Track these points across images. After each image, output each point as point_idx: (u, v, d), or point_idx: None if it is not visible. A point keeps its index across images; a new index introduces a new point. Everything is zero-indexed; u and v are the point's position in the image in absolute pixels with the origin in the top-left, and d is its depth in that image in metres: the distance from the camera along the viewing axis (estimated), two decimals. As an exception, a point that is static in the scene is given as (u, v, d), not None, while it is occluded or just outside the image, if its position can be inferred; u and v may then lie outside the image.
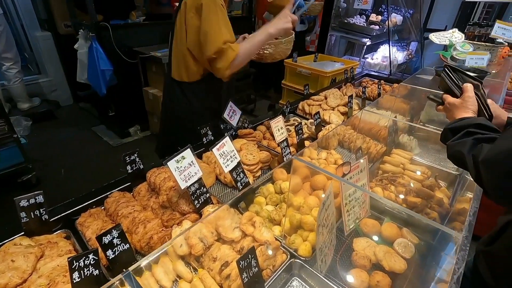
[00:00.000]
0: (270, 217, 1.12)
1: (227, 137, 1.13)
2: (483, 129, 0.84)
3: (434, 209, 1.19)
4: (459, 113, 0.98)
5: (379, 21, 3.88)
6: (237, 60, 1.44)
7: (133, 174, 1.21)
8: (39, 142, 3.50)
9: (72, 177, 2.97)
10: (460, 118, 0.94)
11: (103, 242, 0.82)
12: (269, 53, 1.67)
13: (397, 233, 1.08)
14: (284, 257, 0.97)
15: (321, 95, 2.21)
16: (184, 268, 0.92)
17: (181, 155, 1.01)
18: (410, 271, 0.95)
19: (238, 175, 1.18)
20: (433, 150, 1.65)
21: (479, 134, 0.82)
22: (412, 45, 4.18)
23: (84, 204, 1.12)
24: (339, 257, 1.04)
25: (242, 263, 0.77)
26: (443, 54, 2.13)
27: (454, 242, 0.66)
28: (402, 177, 1.38)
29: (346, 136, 1.67)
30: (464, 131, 0.86)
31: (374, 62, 3.65)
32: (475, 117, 0.93)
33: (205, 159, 1.43)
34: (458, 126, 0.90)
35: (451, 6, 4.51)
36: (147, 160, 1.28)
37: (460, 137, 0.86)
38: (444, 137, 0.96)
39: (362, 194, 1.12)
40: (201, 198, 1.07)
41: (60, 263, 0.89)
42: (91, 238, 0.98)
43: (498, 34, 1.95)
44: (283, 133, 1.39)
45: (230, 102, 1.52)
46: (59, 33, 4.08)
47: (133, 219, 1.04)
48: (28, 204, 0.94)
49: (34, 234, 0.97)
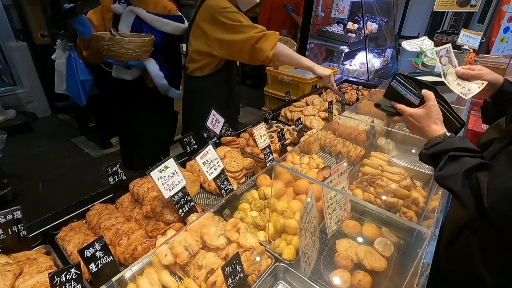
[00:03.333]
0: (254, 222, 1.14)
1: (210, 145, 1.15)
2: (465, 151, 0.78)
3: (411, 208, 1.25)
4: (427, 126, 0.91)
5: (356, 29, 4.04)
6: (278, 48, 1.60)
7: (116, 185, 1.20)
8: (15, 156, 3.36)
9: (51, 191, 2.87)
10: (435, 140, 0.87)
11: (85, 255, 0.81)
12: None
13: (377, 232, 1.13)
14: (269, 261, 0.99)
15: (302, 101, 2.26)
16: (169, 277, 0.92)
17: (164, 165, 1.01)
18: (390, 269, 1.00)
19: (222, 183, 1.19)
20: (409, 152, 1.73)
21: (464, 158, 0.76)
22: (388, 51, 4.37)
23: (65, 218, 1.09)
24: (322, 259, 1.07)
25: (227, 269, 0.78)
26: (415, 60, 2.25)
27: (424, 238, 0.70)
28: (381, 179, 1.43)
29: (327, 140, 1.72)
30: (446, 156, 0.79)
31: (352, 69, 3.79)
32: (452, 137, 0.85)
33: (189, 167, 1.44)
34: (438, 152, 0.82)
35: (422, 15, 4.77)
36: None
37: (443, 165, 0.78)
38: (424, 161, 0.90)
39: (343, 197, 1.16)
40: (185, 207, 1.08)
41: (40, 279, 0.86)
42: (72, 253, 0.96)
43: (463, 41, 2.08)
44: (266, 140, 1.42)
45: (213, 110, 1.54)
46: (35, 43, 3.97)
47: (116, 230, 1.03)
48: (5, 220, 0.92)
49: (11, 251, 0.94)
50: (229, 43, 1.58)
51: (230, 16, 1.52)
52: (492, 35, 3.96)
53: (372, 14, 4.15)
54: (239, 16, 1.55)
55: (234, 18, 1.53)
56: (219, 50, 1.64)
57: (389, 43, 4.34)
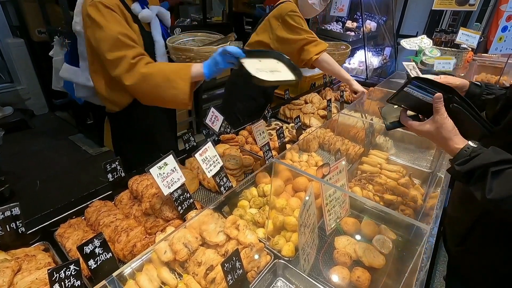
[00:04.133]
0: (254, 219, 1.14)
1: (210, 143, 1.15)
2: (505, 163, 0.70)
3: (409, 206, 1.26)
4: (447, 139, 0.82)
5: (355, 27, 4.03)
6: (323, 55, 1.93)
7: (114, 182, 1.20)
8: (12, 153, 3.34)
9: (48, 189, 2.86)
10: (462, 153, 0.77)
11: (84, 252, 0.81)
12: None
13: (375, 230, 1.13)
14: (268, 258, 0.99)
15: (301, 99, 2.26)
16: (169, 274, 0.92)
17: (164, 162, 1.01)
18: (388, 266, 1.00)
19: (221, 180, 1.19)
20: (408, 150, 1.73)
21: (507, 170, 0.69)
22: (387, 50, 4.37)
23: (63, 215, 1.09)
24: (321, 256, 1.07)
25: (226, 266, 0.78)
26: (413, 59, 2.26)
27: (423, 234, 0.71)
28: (379, 177, 1.44)
29: (326, 138, 1.73)
30: (488, 173, 0.69)
31: (351, 67, 3.79)
32: (482, 149, 0.75)
33: (188, 165, 1.43)
34: (474, 167, 0.72)
35: (421, 13, 4.77)
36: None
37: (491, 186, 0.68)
38: (457, 178, 0.80)
39: (342, 194, 1.17)
40: (184, 204, 1.08)
41: (38, 276, 0.86)
42: (71, 249, 0.96)
43: (462, 40, 2.09)
44: (265, 137, 1.42)
45: (212, 108, 1.54)
46: (32, 40, 3.94)
47: (115, 227, 1.03)
48: (3, 217, 0.91)
49: (10, 248, 0.93)
50: (286, 40, 1.87)
51: (295, 19, 1.82)
52: (490, 34, 3.97)
53: (371, 12, 4.15)
54: (302, 21, 1.85)
55: (298, 21, 1.83)
56: (276, 44, 1.93)
57: (388, 41, 4.34)
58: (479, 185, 0.72)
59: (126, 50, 1.20)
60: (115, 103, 1.44)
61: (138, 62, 1.20)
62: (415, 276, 0.66)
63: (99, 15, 1.17)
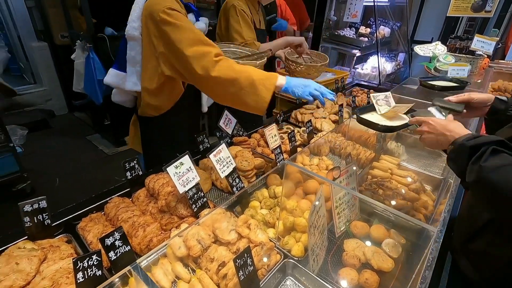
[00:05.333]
0: (264, 220, 1.17)
1: (223, 144, 1.19)
2: (505, 147, 0.76)
3: (420, 211, 1.26)
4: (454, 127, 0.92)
5: (368, 33, 4.04)
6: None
7: (132, 180, 1.26)
8: (34, 151, 3.50)
9: (66, 186, 2.98)
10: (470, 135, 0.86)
11: (105, 244, 0.86)
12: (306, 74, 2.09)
13: (385, 234, 1.14)
14: (278, 257, 1.02)
15: (313, 104, 2.29)
16: (182, 269, 0.96)
17: (180, 161, 1.06)
18: (397, 270, 1.01)
19: (234, 180, 1.23)
20: (420, 156, 1.73)
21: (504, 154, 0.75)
22: (400, 56, 4.34)
23: (85, 210, 1.15)
24: (330, 258, 1.09)
25: (238, 262, 0.81)
26: (427, 65, 2.25)
27: (431, 236, 0.72)
28: (390, 182, 1.45)
29: (337, 143, 1.74)
30: (489, 148, 0.76)
31: (364, 72, 3.78)
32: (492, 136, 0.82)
33: (202, 165, 1.48)
34: (480, 143, 0.78)
35: (436, 19, 4.72)
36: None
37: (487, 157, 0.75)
38: (459, 152, 0.85)
39: (351, 198, 1.18)
40: (198, 202, 1.12)
41: (62, 265, 0.92)
42: (92, 242, 1.02)
43: (477, 46, 2.07)
44: (277, 140, 1.45)
45: (226, 111, 1.59)
46: (55, 44, 4.13)
47: (133, 223, 1.08)
48: (32, 209, 0.98)
49: (36, 238, 1.00)
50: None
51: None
52: (509, 40, 3.89)
53: (385, 18, 4.15)
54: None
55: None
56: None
57: (401, 47, 4.31)
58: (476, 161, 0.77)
59: (208, 47, 1.26)
60: (156, 108, 1.52)
61: (220, 60, 1.25)
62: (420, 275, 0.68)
63: (175, 19, 1.24)
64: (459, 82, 1.92)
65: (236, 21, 1.91)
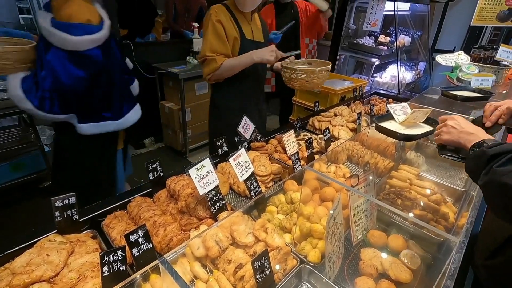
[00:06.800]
0: (281, 225, 1.19)
1: (243, 149, 1.22)
2: None
3: (440, 223, 1.24)
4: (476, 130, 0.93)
5: (388, 42, 4.00)
6: (218, 71, 1.78)
7: (154, 181, 1.31)
8: (59, 151, 3.66)
9: (88, 185, 3.09)
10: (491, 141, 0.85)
11: (130, 240, 0.90)
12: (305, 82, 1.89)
13: (403, 244, 1.13)
14: (295, 262, 1.03)
15: (331, 112, 2.29)
16: (200, 269, 0.98)
17: (201, 164, 1.10)
18: (416, 281, 0.99)
19: (252, 185, 1.26)
20: (440, 167, 1.69)
21: None
22: (421, 65, 4.26)
23: (109, 207, 1.21)
24: (347, 266, 1.08)
25: (256, 264, 0.83)
26: (449, 75, 2.21)
27: (452, 247, 0.71)
28: (409, 192, 1.43)
29: (355, 151, 1.74)
30: (509, 155, 0.75)
31: (382, 81, 3.74)
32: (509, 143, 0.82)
33: (220, 169, 1.52)
34: (500, 151, 0.78)
35: (459, 28, 4.62)
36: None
37: (505, 162, 0.74)
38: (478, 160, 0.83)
39: (369, 206, 1.18)
40: (217, 205, 1.15)
41: (88, 259, 0.97)
42: (116, 238, 1.06)
43: (502, 56, 2.02)
44: (294, 147, 1.47)
45: (245, 116, 1.63)
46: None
47: (154, 222, 1.12)
48: (62, 205, 1.04)
49: (65, 233, 1.06)
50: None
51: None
52: (537, 50, 3.74)
53: (405, 27, 4.10)
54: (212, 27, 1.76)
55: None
56: None
57: (422, 56, 4.24)
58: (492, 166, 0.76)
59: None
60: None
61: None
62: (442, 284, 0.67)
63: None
64: (482, 92, 1.87)
65: (205, 31, 1.78)
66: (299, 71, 1.80)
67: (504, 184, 0.71)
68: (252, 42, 1.89)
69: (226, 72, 1.82)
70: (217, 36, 1.74)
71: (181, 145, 3.78)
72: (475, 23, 2.45)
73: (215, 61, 1.74)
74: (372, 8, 3.19)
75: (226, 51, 1.79)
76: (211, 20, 1.72)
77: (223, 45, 1.76)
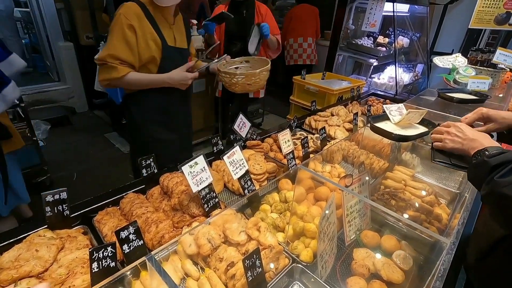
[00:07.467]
0: (274, 224, 1.18)
1: (237, 147, 1.21)
2: None
3: (433, 224, 1.24)
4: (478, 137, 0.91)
5: (386, 43, 4.01)
6: (118, 83, 1.56)
7: (147, 177, 1.30)
8: (54, 146, 3.64)
9: (83, 181, 3.08)
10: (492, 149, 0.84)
11: (120, 236, 0.89)
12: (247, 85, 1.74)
13: (396, 245, 1.13)
14: (287, 261, 1.02)
15: (328, 112, 2.29)
16: (192, 266, 0.98)
17: (195, 161, 1.09)
18: (408, 282, 0.99)
19: (246, 183, 1.25)
20: (435, 169, 1.69)
21: None
22: (419, 67, 4.28)
23: (101, 203, 1.20)
24: (339, 265, 1.08)
25: (247, 262, 0.83)
26: (446, 77, 2.21)
27: (443, 248, 0.71)
28: (403, 193, 1.43)
29: (350, 151, 1.73)
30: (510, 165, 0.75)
31: (380, 82, 3.75)
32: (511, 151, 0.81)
33: (215, 167, 1.51)
34: (502, 162, 0.77)
35: (457, 31, 4.63)
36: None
37: (507, 173, 0.74)
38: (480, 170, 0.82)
39: (363, 206, 1.18)
40: (210, 202, 1.15)
41: (78, 255, 0.96)
42: (107, 235, 1.05)
43: (499, 60, 2.02)
44: (290, 146, 1.46)
45: (241, 114, 1.62)
46: (80, 44, 4.32)
47: (146, 219, 1.11)
48: (53, 199, 1.03)
49: (55, 228, 1.04)
50: None
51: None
52: (534, 55, 3.76)
53: (404, 28, 4.11)
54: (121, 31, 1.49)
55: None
56: None
57: (420, 58, 4.25)
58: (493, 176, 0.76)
59: None
60: None
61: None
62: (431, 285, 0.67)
63: None
64: (478, 95, 1.88)
65: (111, 31, 1.50)
66: (239, 75, 1.69)
67: (504, 196, 0.71)
68: (175, 50, 1.67)
69: (129, 86, 1.63)
70: (124, 43, 1.48)
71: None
72: (473, 26, 2.45)
73: (116, 70, 1.50)
74: (371, 8, 3.19)
75: (132, 61, 1.54)
76: (120, 23, 1.46)
77: (130, 54, 1.51)
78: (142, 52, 1.55)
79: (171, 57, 1.65)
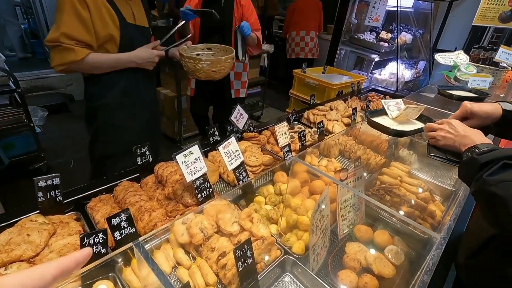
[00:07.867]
0: (268, 215, 1.18)
1: (233, 137, 1.20)
2: None
3: (426, 221, 1.24)
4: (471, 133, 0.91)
5: (389, 38, 3.97)
6: (76, 66, 1.39)
7: (142, 166, 1.29)
8: (52, 133, 3.62)
9: (79, 169, 3.07)
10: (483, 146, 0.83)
11: (112, 223, 0.88)
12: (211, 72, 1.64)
13: (388, 240, 1.13)
14: (279, 253, 1.02)
15: (327, 106, 2.27)
16: (183, 255, 0.98)
17: (189, 150, 1.08)
18: (399, 277, 1.00)
19: (241, 174, 1.24)
20: (432, 166, 1.69)
21: None
22: (421, 64, 4.24)
23: (95, 190, 1.19)
24: (331, 259, 1.09)
25: (238, 252, 0.83)
26: (447, 74, 2.19)
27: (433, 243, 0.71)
28: (399, 189, 1.42)
29: (347, 146, 1.73)
30: (500, 163, 0.74)
31: (381, 78, 3.72)
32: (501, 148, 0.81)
33: (210, 157, 1.50)
34: (491, 159, 0.76)
35: (461, 28, 4.58)
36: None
37: (496, 171, 0.73)
38: (470, 167, 0.82)
39: (357, 201, 1.17)
40: (204, 192, 1.14)
41: (70, 241, 0.96)
42: (99, 221, 1.05)
43: (501, 58, 2.00)
44: (286, 138, 1.45)
45: (238, 105, 1.60)
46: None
47: (140, 207, 1.11)
48: (46, 185, 1.02)
49: (47, 213, 1.04)
50: None
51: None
52: (537, 55, 3.72)
53: (407, 24, 4.06)
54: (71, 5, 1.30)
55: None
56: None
57: (423, 55, 4.22)
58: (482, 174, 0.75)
59: None
60: None
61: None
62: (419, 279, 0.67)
63: None
64: (478, 93, 1.86)
65: (60, 8, 1.30)
66: (205, 61, 1.57)
67: (493, 194, 0.71)
68: (135, 28, 1.51)
69: (92, 70, 1.46)
70: (78, 19, 1.30)
71: (176, 133, 3.75)
72: (477, 23, 2.42)
73: (73, 52, 1.32)
74: (375, 2, 3.14)
75: (89, 40, 1.36)
76: None
77: (85, 32, 1.33)
78: (98, 30, 1.37)
79: (132, 36, 1.49)
